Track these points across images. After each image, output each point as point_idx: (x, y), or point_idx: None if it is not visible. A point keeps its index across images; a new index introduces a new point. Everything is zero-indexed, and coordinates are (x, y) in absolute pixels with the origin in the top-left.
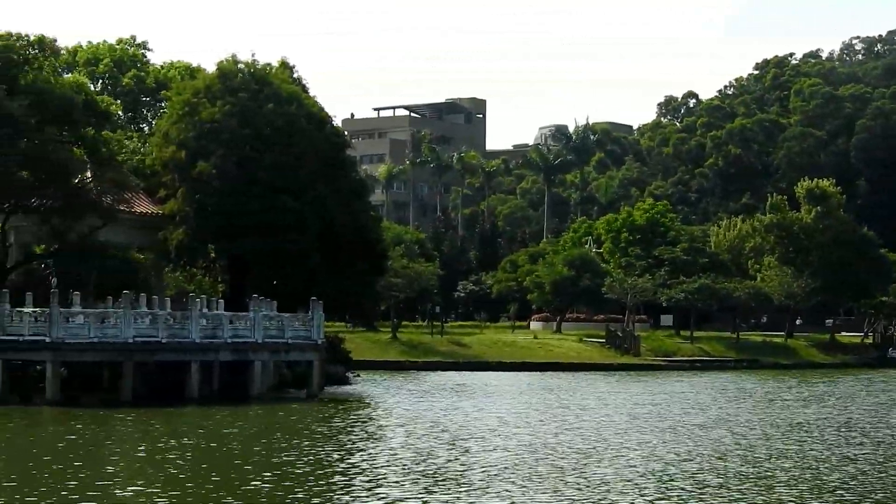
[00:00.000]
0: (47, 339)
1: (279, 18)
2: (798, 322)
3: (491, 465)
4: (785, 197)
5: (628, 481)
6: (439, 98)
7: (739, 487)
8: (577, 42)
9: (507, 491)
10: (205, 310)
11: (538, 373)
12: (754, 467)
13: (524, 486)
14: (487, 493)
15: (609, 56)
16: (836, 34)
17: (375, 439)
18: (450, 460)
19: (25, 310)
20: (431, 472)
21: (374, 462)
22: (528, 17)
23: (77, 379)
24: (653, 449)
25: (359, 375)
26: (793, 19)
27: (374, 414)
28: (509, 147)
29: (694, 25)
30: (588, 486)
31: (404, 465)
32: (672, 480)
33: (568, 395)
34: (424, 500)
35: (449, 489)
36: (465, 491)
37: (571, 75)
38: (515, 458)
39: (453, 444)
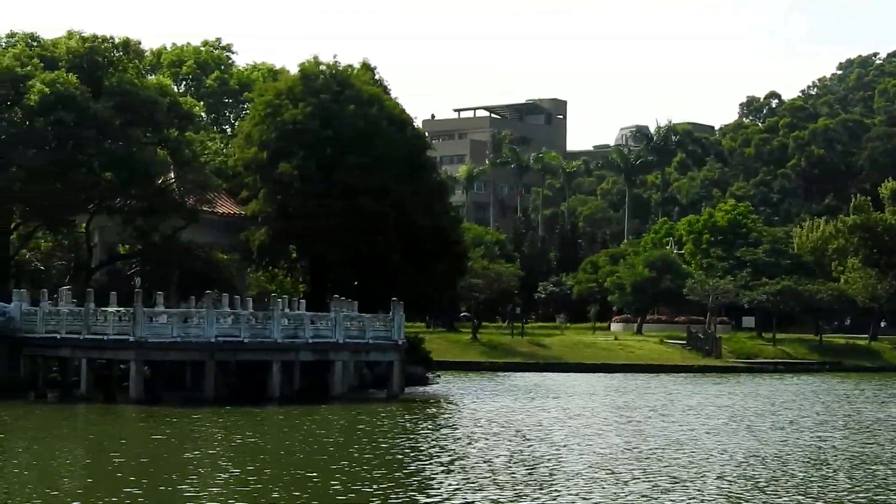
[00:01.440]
0: (131, 339)
1: (361, 20)
2: (882, 324)
3: (576, 467)
4: (869, 198)
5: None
6: (520, 99)
7: None
8: (659, 42)
9: (588, 492)
10: (286, 310)
11: (618, 374)
12: None
13: (603, 488)
14: (575, 495)
15: (691, 56)
16: None
17: (456, 440)
18: (532, 462)
19: (109, 309)
20: (513, 473)
21: (455, 463)
22: (610, 18)
23: (160, 378)
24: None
25: (439, 376)
26: (877, 18)
27: (454, 415)
28: (590, 148)
29: (777, 25)
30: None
31: (486, 466)
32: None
33: (654, 396)
34: (504, 501)
35: (531, 492)
36: (548, 494)
37: (653, 75)
38: (599, 459)
39: (534, 446)
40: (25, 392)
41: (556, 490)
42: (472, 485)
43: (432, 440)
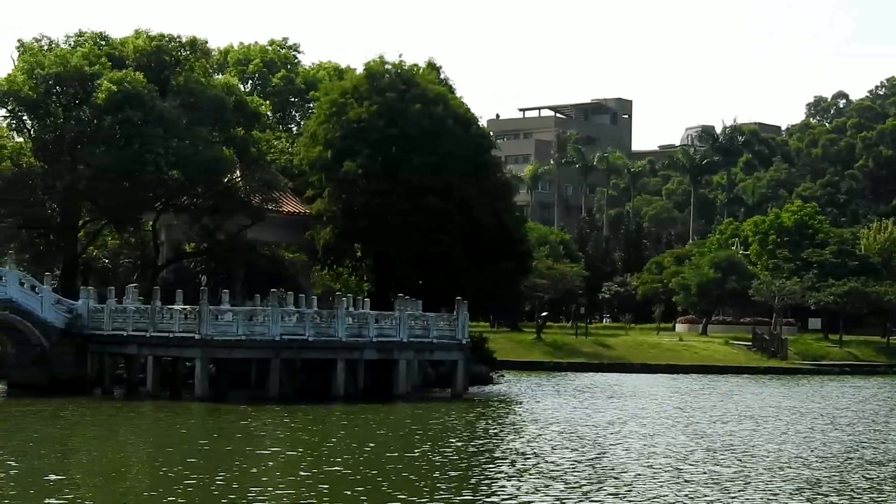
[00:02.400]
0: (197, 336)
1: (427, 19)
2: None
3: (640, 468)
4: None
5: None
6: (585, 98)
7: None
8: (725, 41)
9: (657, 494)
10: (351, 308)
11: (683, 375)
12: None
13: (669, 489)
14: (640, 497)
15: (758, 55)
16: None
17: (520, 439)
18: (596, 463)
19: (176, 307)
20: (578, 473)
21: (520, 463)
22: (675, 17)
23: (225, 376)
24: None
25: (503, 375)
26: None
27: (518, 414)
28: (655, 148)
29: (845, 24)
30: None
31: (549, 467)
32: None
33: (719, 397)
34: (569, 501)
35: (596, 493)
36: (614, 495)
37: (719, 75)
38: (664, 461)
39: (598, 446)
40: (92, 389)
41: (621, 491)
42: (537, 485)
43: (496, 440)
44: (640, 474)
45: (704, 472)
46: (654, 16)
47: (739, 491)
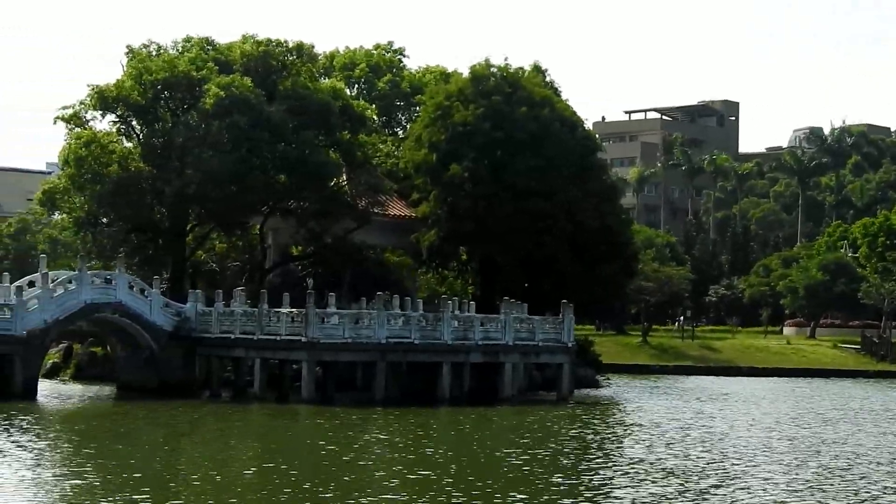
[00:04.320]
0: (303, 339)
1: (532, 22)
2: None
3: (750, 471)
4: None
5: None
6: (691, 101)
7: None
8: (833, 42)
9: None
10: (456, 311)
11: (791, 379)
12: None
13: (780, 494)
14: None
15: (866, 56)
16: None
17: (627, 443)
18: (705, 467)
19: (283, 310)
20: (684, 478)
21: (627, 467)
22: (782, 19)
23: (332, 378)
24: None
25: (608, 379)
26: None
27: (625, 418)
28: (762, 150)
29: None
30: None
31: (657, 472)
32: None
33: (829, 401)
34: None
35: (705, 498)
36: (722, 501)
37: (827, 76)
38: (777, 466)
39: (707, 450)
40: (200, 391)
41: (730, 497)
42: (645, 490)
43: (603, 444)
44: (751, 476)
45: (821, 474)
46: (762, 17)
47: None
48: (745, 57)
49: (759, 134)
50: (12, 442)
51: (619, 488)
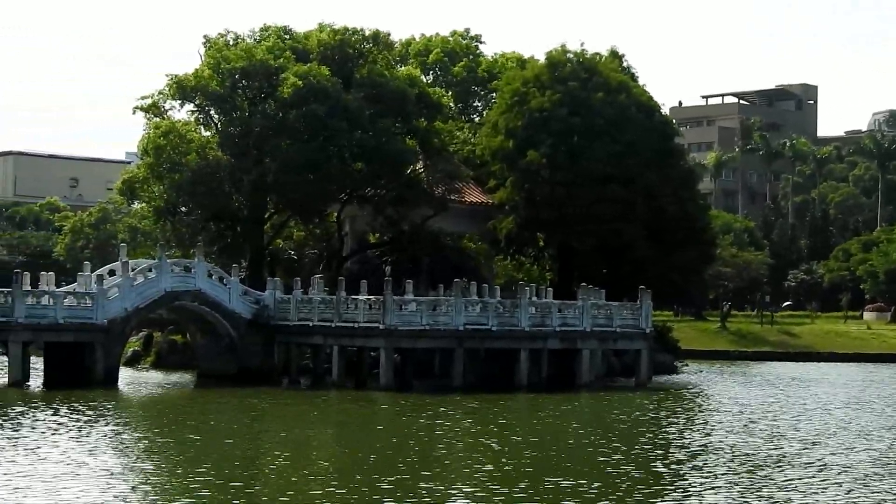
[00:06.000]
0: (381, 326)
1: (609, 7)
2: None
3: (833, 463)
4: None
5: None
6: (769, 84)
7: None
8: None
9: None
10: (534, 298)
11: (871, 364)
12: None
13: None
14: (825, 491)
15: None
16: None
17: (706, 431)
18: (786, 457)
19: (360, 297)
20: (764, 465)
21: (706, 453)
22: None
23: (410, 365)
24: None
25: (686, 365)
26: None
27: (703, 404)
28: (841, 133)
29: None
30: None
31: (736, 460)
32: None
33: None
34: (752, 494)
35: (782, 484)
36: (797, 489)
37: None
38: (863, 456)
39: (787, 439)
40: (279, 379)
41: (812, 489)
42: (724, 479)
43: (683, 431)
44: (833, 468)
45: None
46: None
47: None
48: (824, 39)
49: (838, 117)
50: (94, 429)
51: (702, 476)
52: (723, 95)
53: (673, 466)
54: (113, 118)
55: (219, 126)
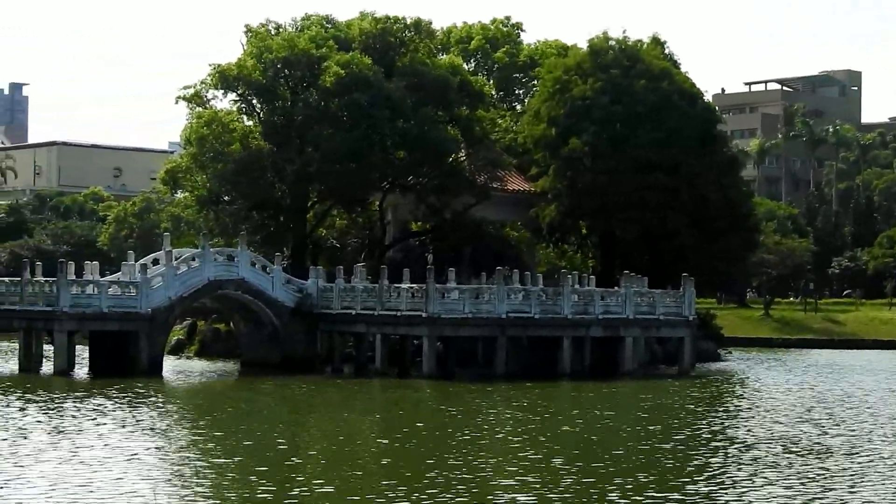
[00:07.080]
0: (424, 315)
1: None
2: None
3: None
4: None
5: None
6: (812, 71)
7: None
8: None
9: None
10: (576, 286)
11: None
12: None
13: None
14: (870, 479)
15: None
16: None
17: (750, 418)
18: (832, 447)
19: (403, 285)
20: (810, 458)
21: (750, 442)
22: None
23: (452, 353)
24: None
25: (730, 352)
26: None
27: (747, 392)
28: (886, 120)
29: None
30: None
31: (783, 446)
32: None
33: None
34: (795, 481)
35: (828, 473)
36: (844, 479)
37: None
38: None
39: (831, 425)
40: (323, 367)
41: (855, 480)
42: (768, 470)
43: (727, 417)
44: (880, 459)
45: None
46: None
47: None
48: (869, 26)
49: (882, 104)
50: (139, 417)
51: (731, 466)
52: (766, 82)
53: (720, 455)
54: (156, 108)
55: (261, 115)
